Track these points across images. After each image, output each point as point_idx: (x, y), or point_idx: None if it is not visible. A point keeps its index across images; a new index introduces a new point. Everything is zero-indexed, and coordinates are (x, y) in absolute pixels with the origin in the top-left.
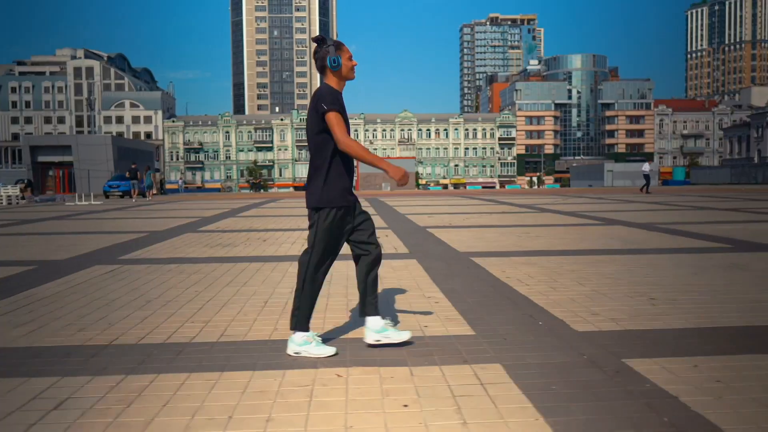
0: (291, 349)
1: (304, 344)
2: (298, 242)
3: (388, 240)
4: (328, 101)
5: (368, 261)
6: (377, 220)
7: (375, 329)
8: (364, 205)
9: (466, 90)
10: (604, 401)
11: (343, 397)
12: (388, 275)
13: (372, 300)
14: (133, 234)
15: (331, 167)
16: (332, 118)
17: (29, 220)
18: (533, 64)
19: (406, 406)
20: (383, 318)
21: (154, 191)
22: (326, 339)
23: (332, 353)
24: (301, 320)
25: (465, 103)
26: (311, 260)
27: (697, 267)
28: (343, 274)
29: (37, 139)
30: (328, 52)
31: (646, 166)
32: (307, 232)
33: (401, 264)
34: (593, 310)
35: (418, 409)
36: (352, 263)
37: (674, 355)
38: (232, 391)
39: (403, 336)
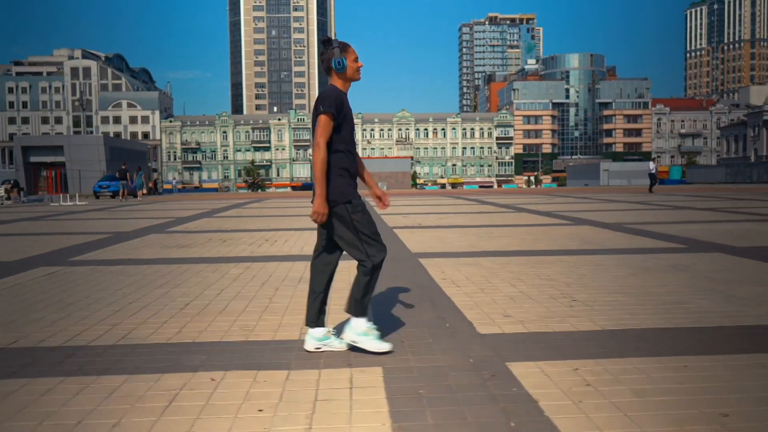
0: (348, 337)
1: (363, 335)
2: (255, 243)
3: None
4: (326, 104)
5: (332, 268)
6: None
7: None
8: None
9: (465, 89)
10: (463, 406)
11: (202, 402)
12: None
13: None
14: (97, 235)
15: (334, 166)
16: (321, 120)
17: (4, 221)
18: (531, 64)
19: (260, 410)
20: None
21: (145, 191)
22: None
23: (388, 349)
24: (364, 308)
25: (464, 102)
26: (369, 252)
27: (639, 268)
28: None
29: (29, 140)
30: (333, 54)
31: (651, 165)
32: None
33: (347, 265)
34: (508, 312)
35: (270, 414)
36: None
37: (561, 358)
38: (95, 396)
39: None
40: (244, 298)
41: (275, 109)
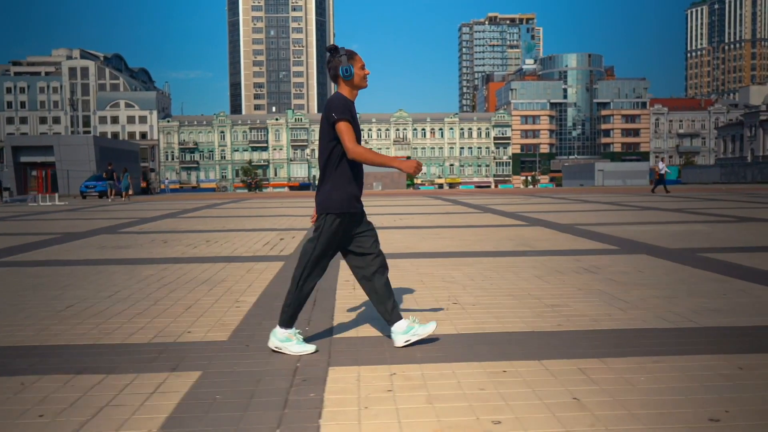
0: (272, 344)
1: (285, 341)
2: (193, 245)
3: (294, 240)
4: (338, 111)
5: (376, 270)
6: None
7: (401, 332)
8: None
9: (464, 89)
10: (246, 412)
11: None
12: (236, 276)
13: (393, 306)
14: (46, 235)
15: (340, 174)
16: (342, 127)
17: None
18: (529, 64)
19: (41, 416)
20: (405, 318)
21: (131, 191)
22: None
23: (313, 351)
24: (288, 318)
25: (464, 102)
26: (308, 264)
27: (553, 270)
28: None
29: (20, 140)
30: (340, 62)
31: (661, 165)
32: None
33: (265, 266)
34: (377, 315)
35: (47, 420)
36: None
37: (386, 363)
38: None
39: (429, 328)
40: (129, 300)
41: (274, 109)
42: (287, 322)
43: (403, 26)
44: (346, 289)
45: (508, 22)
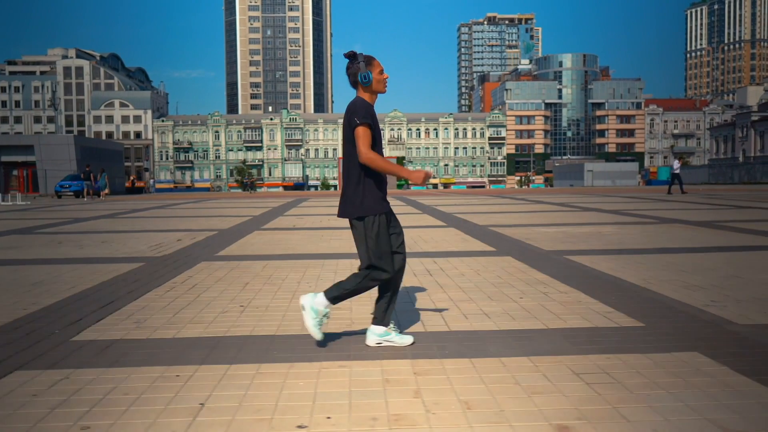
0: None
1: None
2: (91, 246)
3: (193, 241)
4: (360, 115)
5: (398, 269)
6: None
7: (378, 333)
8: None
9: (463, 90)
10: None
11: None
12: (73, 277)
13: (390, 308)
14: None
15: (368, 177)
16: (359, 131)
17: None
18: (524, 64)
19: None
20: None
21: (107, 191)
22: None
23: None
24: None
25: (462, 102)
26: (373, 266)
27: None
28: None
29: (1, 139)
30: (359, 68)
31: (675, 164)
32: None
33: (117, 267)
34: (140, 317)
35: None
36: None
37: (162, 365)
38: None
39: (406, 340)
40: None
41: (270, 108)
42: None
43: (402, 26)
44: (208, 291)
45: (507, 22)
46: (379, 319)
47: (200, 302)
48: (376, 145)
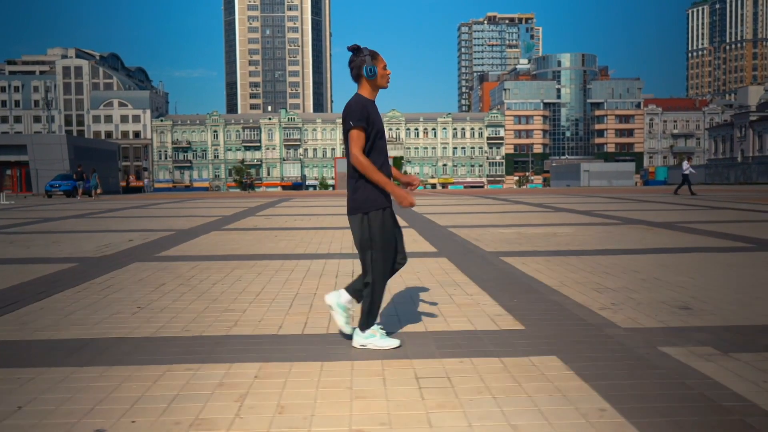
0: (357, 342)
1: (369, 337)
2: (41, 245)
3: (146, 241)
4: (355, 117)
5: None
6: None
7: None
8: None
9: (464, 89)
10: None
11: None
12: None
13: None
14: None
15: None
16: (352, 134)
17: None
18: (523, 63)
19: None
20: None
21: (99, 191)
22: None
23: (397, 345)
24: (371, 320)
25: (462, 102)
26: (375, 261)
27: (314, 273)
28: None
29: None
30: (364, 61)
31: (685, 165)
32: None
33: (58, 267)
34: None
35: None
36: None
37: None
38: None
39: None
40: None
41: (269, 108)
42: (367, 324)
43: (402, 26)
44: (124, 292)
45: (507, 21)
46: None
47: (101, 304)
48: (375, 143)
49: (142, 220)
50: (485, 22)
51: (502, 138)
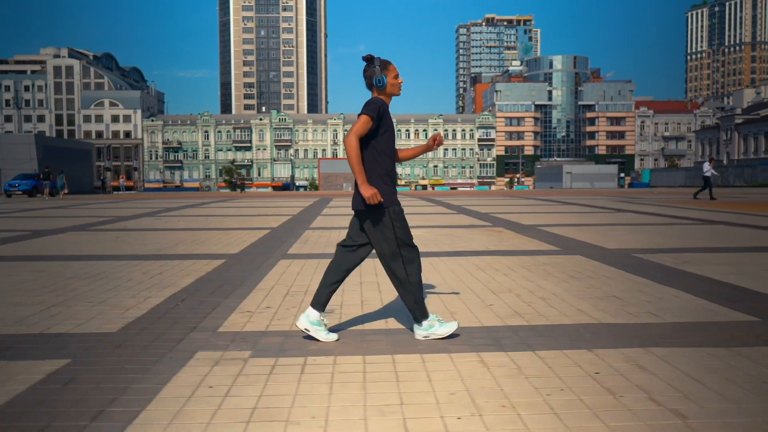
0: (420, 335)
1: (429, 328)
2: None
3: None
4: (369, 108)
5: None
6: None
7: (309, 320)
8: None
9: (461, 91)
10: None
11: None
12: None
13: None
14: None
15: (378, 169)
16: (360, 119)
17: None
18: (515, 65)
19: None
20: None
21: (66, 191)
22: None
23: (455, 329)
24: (423, 309)
25: (460, 104)
26: (402, 260)
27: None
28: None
29: None
30: (374, 72)
31: (705, 167)
32: None
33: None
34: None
35: None
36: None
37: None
38: None
39: (329, 337)
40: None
41: (263, 108)
42: (422, 316)
43: (400, 27)
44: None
45: (505, 23)
46: (319, 303)
47: None
48: (385, 141)
49: (32, 221)
50: (483, 23)
51: (493, 140)
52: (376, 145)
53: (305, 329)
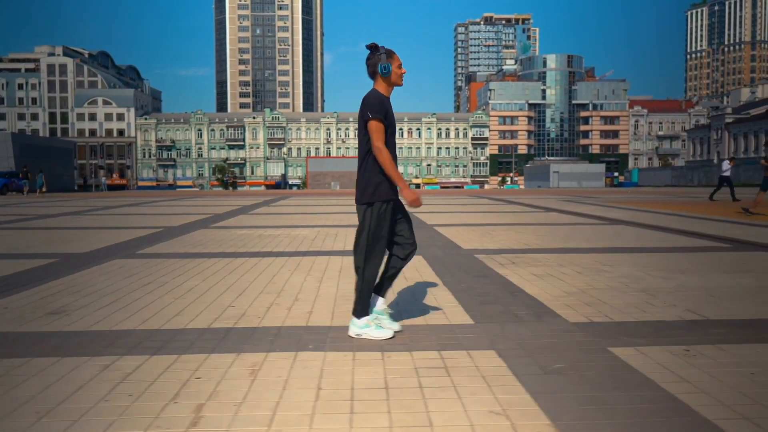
0: (353, 332)
1: (365, 327)
2: None
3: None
4: (374, 110)
5: (408, 255)
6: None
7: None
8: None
9: (459, 90)
10: None
11: None
12: None
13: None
14: None
15: (377, 167)
16: (372, 126)
17: None
18: (509, 64)
19: None
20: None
21: (44, 189)
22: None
23: (391, 336)
24: (364, 307)
25: (458, 103)
26: (367, 253)
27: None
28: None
29: None
30: (380, 59)
31: (725, 165)
32: None
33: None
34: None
35: None
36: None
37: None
38: None
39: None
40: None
41: (259, 107)
42: (362, 312)
43: (398, 26)
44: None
45: (503, 22)
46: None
47: None
48: (389, 136)
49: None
50: (482, 22)
51: (486, 138)
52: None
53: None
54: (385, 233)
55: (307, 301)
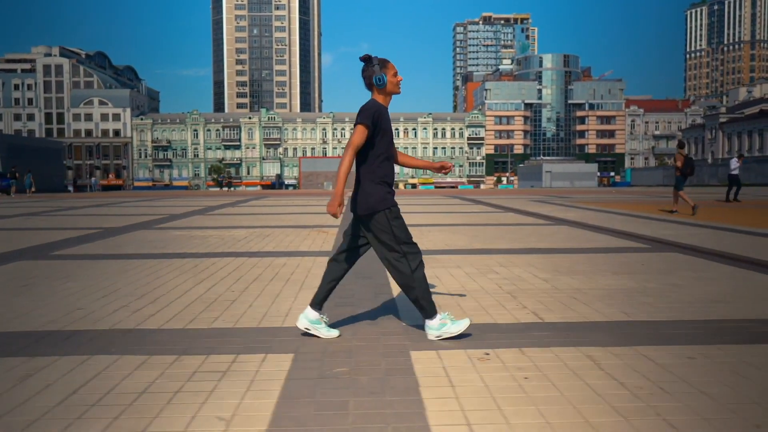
0: (432, 335)
1: (441, 327)
2: None
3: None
4: (363, 116)
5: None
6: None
7: (308, 318)
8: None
9: (457, 90)
10: None
11: None
12: None
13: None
14: None
15: (377, 174)
16: (356, 130)
17: None
18: (506, 64)
19: None
20: (320, 314)
21: (33, 189)
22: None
23: (465, 327)
24: (431, 305)
25: (455, 102)
26: (407, 255)
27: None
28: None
29: None
30: (374, 71)
31: (733, 163)
32: None
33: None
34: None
35: None
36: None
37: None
38: None
39: (331, 333)
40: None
41: (256, 107)
42: (432, 311)
43: (397, 26)
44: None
45: (502, 22)
46: (317, 303)
47: None
48: (379, 145)
49: None
50: (480, 22)
51: (482, 138)
52: (374, 150)
53: (305, 329)
54: (405, 225)
55: (159, 304)
